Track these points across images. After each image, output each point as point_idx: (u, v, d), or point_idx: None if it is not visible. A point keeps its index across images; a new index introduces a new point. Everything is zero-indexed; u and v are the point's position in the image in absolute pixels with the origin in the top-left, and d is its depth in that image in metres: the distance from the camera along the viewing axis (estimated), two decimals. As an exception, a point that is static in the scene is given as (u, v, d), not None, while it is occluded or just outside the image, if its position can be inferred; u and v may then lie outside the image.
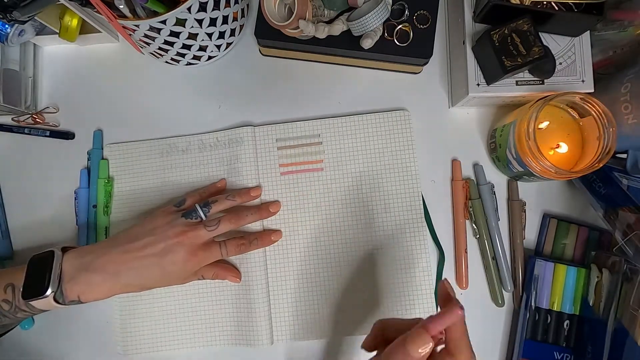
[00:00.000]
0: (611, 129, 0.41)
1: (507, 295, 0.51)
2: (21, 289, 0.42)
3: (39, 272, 0.42)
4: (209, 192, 0.50)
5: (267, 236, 0.50)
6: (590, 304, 0.47)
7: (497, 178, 0.52)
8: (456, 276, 0.51)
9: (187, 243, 0.44)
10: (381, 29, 0.47)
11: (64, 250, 0.44)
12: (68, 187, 0.54)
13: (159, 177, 0.52)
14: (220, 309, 0.51)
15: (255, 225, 0.51)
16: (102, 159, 0.53)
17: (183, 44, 0.47)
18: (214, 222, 0.46)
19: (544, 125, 0.46)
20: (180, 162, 0.52)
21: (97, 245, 0.45)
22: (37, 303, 0.42)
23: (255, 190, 0.50)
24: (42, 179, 0.54)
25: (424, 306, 0.50)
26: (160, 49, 0.48)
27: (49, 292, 0.41)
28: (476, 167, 0.52)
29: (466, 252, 0.50)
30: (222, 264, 0.50)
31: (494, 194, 0.51)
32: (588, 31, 0.46)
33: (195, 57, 0.51)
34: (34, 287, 0.42)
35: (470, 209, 0.50)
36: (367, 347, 0.38)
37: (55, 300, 0.42)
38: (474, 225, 0.50)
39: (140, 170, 0.53)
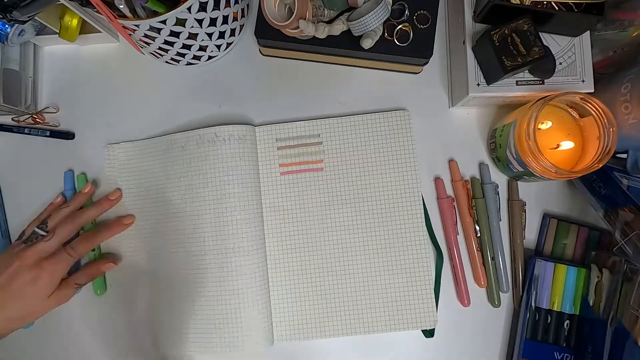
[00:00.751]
0: (611, 129, 0.41)
1: (507, 295, 0.51)
2: None
3: None
4: (47, 211, 0.50)
5: (117, 222, 0.49)
6: (591, 304, 0.47)
7: (497, 178, 0.52)
8: (474, 276, 0.51)
9: (29, 263, 0.44)
10: (381, 29, 0.47)
11: None
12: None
13: (159, 176, 0.52)
14: (216, 313, 0.50)
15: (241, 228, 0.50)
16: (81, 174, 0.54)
17: (183, 44, 0.47)
18: (49, 233, 0.46)
19: (544, 125, 0.46)
20: (180, 159, 0.52)
21: None
22: None
23: (113, 194, 0.50)
24: (42, 179, 0.54)
25: (423, 306, 0.50)
26: (160, 49, 0.48)
27: None
28: (482, 165, 0.52)
29: (479, 251, 0.50)
30: (90, 264, 0.49)
31: (497, 193, 0.51)
32: (588, 31, 0.46)
33: (195, 57, 0.51)
34: None
35: (473, 208, 0.50)
36: None
37: None
38: (475, 224, 0.50)
39: (139, 170, 0.53)
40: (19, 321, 0.45)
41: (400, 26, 0.47)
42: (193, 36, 0.47)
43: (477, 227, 0.50)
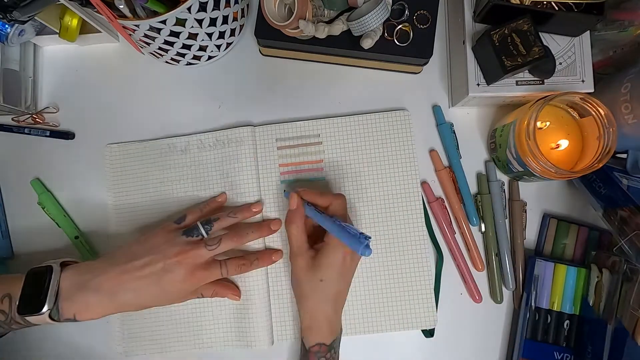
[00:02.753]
0: (611, 129, 0.41)
1: (507, 295, 0.51)
2: (17, 303, 0.41)
3: (36, 287, 0.41)
4: (210, 207, 0.49)
5: (267, 256, 0.49)
6: (590, 304, 0.47)
7: (497, 178, 0.52)
8: (470, 260, 0.51)
9: (187, 262, 0.43)
10: (381, 29, 0.47)
11: (63, 265, 0.44)
12: (67, 187, 0.54)
13: (158, 177, 0.52)
14: (221, 310, 0.50)
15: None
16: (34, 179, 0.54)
17: (183, 44, 0.47)
18: (215, 240, 0.45)
19: (544, 125, 0.46)
20: (180, 162, 0.52)
21: (96, 262, 0.44)
22: (32, 319, 0.41)
23: (256, 205, 0.49)
24: (42, 179, 0.54)
25: (423, 306, 0.50)
26: (160, 49, 0.48)
27: (45, 309, 0.40)
28: (488, 163, 0.52)
29: (472, 237, 0.51)
30: (222, 282, 0.49)
31: (504, 191, 0.51)
32: (588, 31, 0.46)
33: (195, 57, 0.51)
34: (31, 303, 0.41)
35: (479, 204, 0.50)
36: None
37: (51, 317, 0.41)
38: (481, 220, 0.51)
39: (139, 170, 0.53)
40: (137, 308, 0.44)
41: (400, 26, 0.47)
42: (193, 36, 0.47)
43: (483, 224, 0.51)
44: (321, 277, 0.43)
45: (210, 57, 0.53)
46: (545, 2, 0.43)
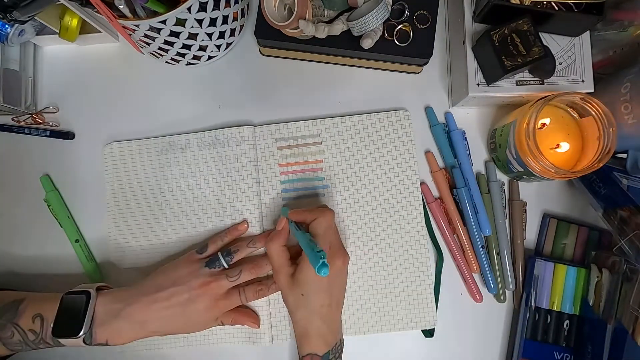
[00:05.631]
0: (611, 129, 0.41)
1: (508, 295, 0.51)
2: (52, 325, 0.43)
3: (72, 312, 0.43)
4: (230, 236, 0.50)
5: None
6: (590, 304, 0.47)
7: (497, 178, 0.52)
8: (465, 261, 0.51)
9: (209, 293, 0.45)
10: (381, 29, 0.47)
11: (98, 290, 0.45)
12: (68, 186, 0.54)
13: (158, 175, 0.52)
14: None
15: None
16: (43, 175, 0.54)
17: (183, 44, 0.47)
18: (235, 272, 0.47)
19: (544, 125, 0.46)
20: (179, 160, 0.52)
21: (127, 291, 0.46)
22: (65, 341, 0.43)
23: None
24: (44, 179, 0.54)
25: (423, 306, 0.50)
26: (160, 49, 0.48)
27: (81, 333, 0.42)
28: (488, 164, 0.52)
29: (469, 239, 0.50)
30: (241, 310, 0.50)
31: (504, 191, 0.51)
32: (588, 31, 0.46)
33: (195, 57, 0.51)
34: (66, 327, 0.43)
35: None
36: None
37: (84, 341, 0.43)
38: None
39: (139, 168, 0.53)
40: (164, 334, 0.46)
41: (400, 26, 0.47)
42: (193, 36, 0.47)
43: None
44: (301, 292, 0.43)
45: (210, 57, 0.53)
46: (545, 2, 0.43)
